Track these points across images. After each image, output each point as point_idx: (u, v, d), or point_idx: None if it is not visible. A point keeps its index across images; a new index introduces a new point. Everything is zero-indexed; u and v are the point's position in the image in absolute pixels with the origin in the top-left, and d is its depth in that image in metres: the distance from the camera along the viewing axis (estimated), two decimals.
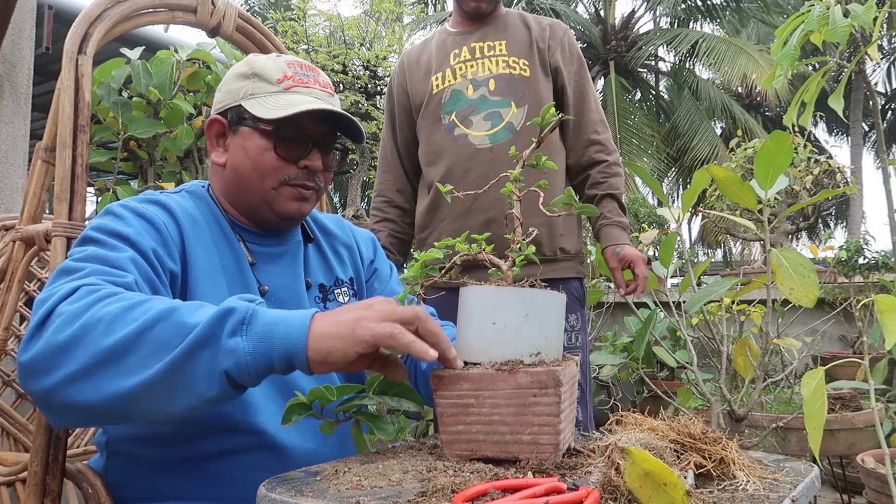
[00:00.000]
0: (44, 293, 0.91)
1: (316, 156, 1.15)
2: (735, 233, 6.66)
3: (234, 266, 1.14)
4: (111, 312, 0.84)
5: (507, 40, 2.02)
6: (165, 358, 0.81)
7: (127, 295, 0.88)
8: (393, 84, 2.17)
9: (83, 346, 0.83)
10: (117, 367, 0.82)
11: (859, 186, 13.84)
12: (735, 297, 2.21)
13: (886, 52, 17.39)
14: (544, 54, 2.02)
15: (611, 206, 2.01)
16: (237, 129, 1.15)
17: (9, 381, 1.71)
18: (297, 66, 1.18)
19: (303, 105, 1.10)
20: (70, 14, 3.88)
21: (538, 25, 2.07)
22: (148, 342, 0.82)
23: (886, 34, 13.20)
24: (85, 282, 0.90)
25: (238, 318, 0.82)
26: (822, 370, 1.29)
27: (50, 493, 1.05)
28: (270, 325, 0.83)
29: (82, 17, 1.18)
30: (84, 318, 0.84)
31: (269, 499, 0.74)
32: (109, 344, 0.82)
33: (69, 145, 1.13)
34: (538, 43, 2.03)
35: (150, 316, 0.83)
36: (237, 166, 1.15)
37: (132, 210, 1.06)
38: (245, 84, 1.15)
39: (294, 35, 6.38)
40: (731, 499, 0.69)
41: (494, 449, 0.84)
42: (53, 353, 0.84)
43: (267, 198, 1.15)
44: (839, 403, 2.66)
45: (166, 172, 2.61)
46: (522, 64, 1.99)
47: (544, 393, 0.81)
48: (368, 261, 1.37)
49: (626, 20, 15.37)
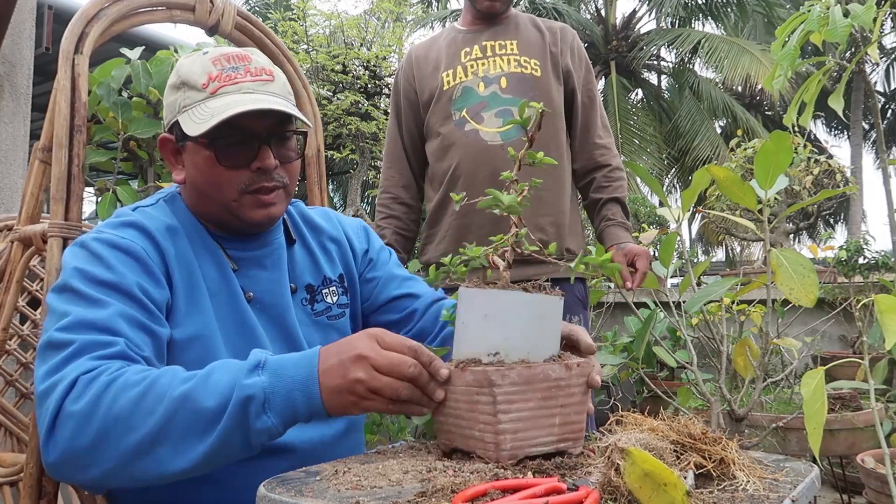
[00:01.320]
0: (41, 379, 0.91)
1: (266, 154, 1.08)
2: (735, 233, 6.65)
3: (216, 274, 1.11)
4: (124, 408, 0.86)
5: (519, 40, 2.04)
6: (197, 447, 0.86)
7: (128, 378, 0.88)
8: (399, 78, 2.16)
9: (109, 446, 0.86)
10: (150, 459, 0.87)
11: (859, 186, 13.83)
12: (735, 297, 2.20)
13: (886, 52, 17.38)
14: (556, 57, 2.04)
15: (614, 208, 2.05)
16: (184, 146, 1.11)
17: (11, 380, 1.71)
18: (224, 59, 1.09)
19: (228, 109, 1.03)
20: (70, 14, 3.86)
21: (549, 29, 2.09)
22: (172, 434, 0.86)
23: (890, 31, 13.21)
24: (81, 369, 0.89)
25: (259, 404, 0.86)
26: (822, 370, 1.29)
27: (46, 495, 1.05)
28: (288, 394, 0.87)
29: (79, 17, 1.17)
30: (99, 418, 0.86)
31: (268, 499, 0.74)
32: (136, 440, 0.86)
33: (65, 145, 1.13)
34: (550, 46, 2.05)
35: (166, 406, 0.86)
36: (194, 182, 1.12)
37: (109, 244, 1.02)
38: (178, 96, 1.09)
39: (294, 35, 6.37)
40: (731, 499, 0.69)
41: (461, 441, 0.88)
42: (79, 457, 0.87)
43: (230, 209, 1.11)
44: (839, 403, 2.66)
45: (166, 172, 2.61)
46: (534, 64, 2.00)
47: (482, 392, 0.83)
48: (362, 251, 1.33)
49: (628, 20, 15.37)
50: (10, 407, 1.65)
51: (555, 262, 0.98)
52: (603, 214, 2.07)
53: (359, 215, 5.52)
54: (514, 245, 0.95)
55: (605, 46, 14.88)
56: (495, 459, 0.82)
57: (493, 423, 0.82)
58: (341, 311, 1.26)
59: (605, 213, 2.05)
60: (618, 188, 2.07)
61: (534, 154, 0.96)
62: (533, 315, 0.89)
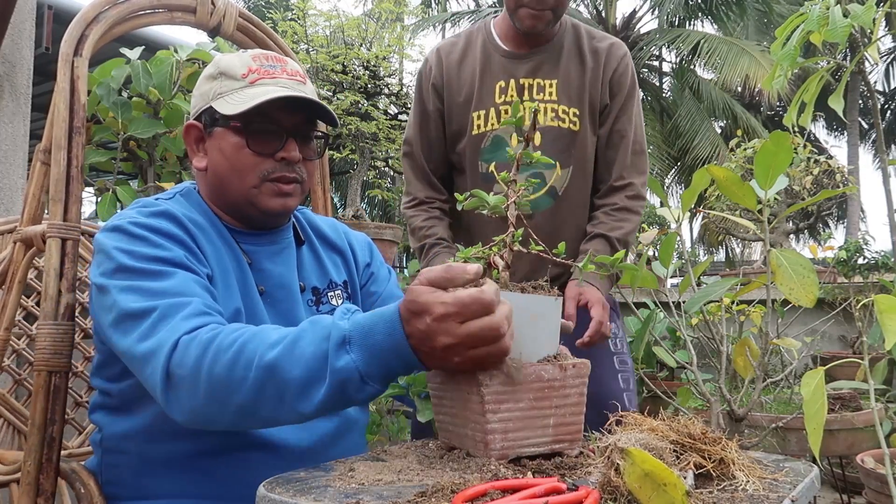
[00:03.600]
0: (135, 342, 0.94)
1: (292, 146, 1.14)
2: (735, 233, 6.65)
3: (235, 265, 1.14)
4: (221, 373, 0.88)
5: (559, 79, 1.80)
6: (300, 407, 0.87)
7: (223, 342, 0.90)
8: (425, 80, 1.89)
9: (222, 405, 0.90)
10: (257, 418, 0.92)
11: (857, 186, 13.84)
12: (735, 297, 2.20)
13: (885, 53, 17.39)
14: (595, 99, 1.82)
15: (600, 245, 1.76)
16: (212, 132, 1.15)
17: (20, 379, 1.71)
18: (263, 58, 1.16)
19: (266, 95, 1.09)
20: (70, 14, 3.87)
21: (593, 54, 1.83)
22: (269, 404, 0.88)
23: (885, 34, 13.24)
24: (179, 331, 0.92)
25: (356, 382, 0.85)
26: (822, 370, 1.29)
27: (43, 493, 1.05)
28: (383, 363, 0.85)
29: (78, 20, 1.18)
30: (203, 381, 0.89)
31: (268, 499, 0.74)
32: (240, 402, 0.88)
33: (64, 147, 1.13)
34: (590, 86, 1.81)
35: (255, 376, 0.87)
36: (216, 168, 1.15)
37: (148, 227, 1.05)
38: (213, 85, 1.14)
39: (294, 35, 6.37)
40: (731, 499, 0.69)
41: (457, 440, 0.89)
42: (201, 413, 0.92)
43: (249, 196, 1.14)
44: (839, 403, 2.66)
45: (166, 172, 2.61)
46: (573, 115, 1.80)
47: (471, 392, 0.84)
48: (364, 264, 1.36)
49: (628, 20, 15.39)
50: (18, 405, 1.65)
51: (563, 263, 0.98)
52: (585, 248, 1.77)
53: (358, 215, 5.52)
54: (510, 245, 0.95)
55: None
56: (486, 458, 0.83)
57: (482, 422, 0.83)
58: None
59: (589, 247, 1.77)
60: (614, 227, 1.78)
61: (530, 154, 0.97)
62: (527, 315, 0.89)
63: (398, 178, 7.12)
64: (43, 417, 1.06)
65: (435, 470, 0.82)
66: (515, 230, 0.95)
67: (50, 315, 1.08)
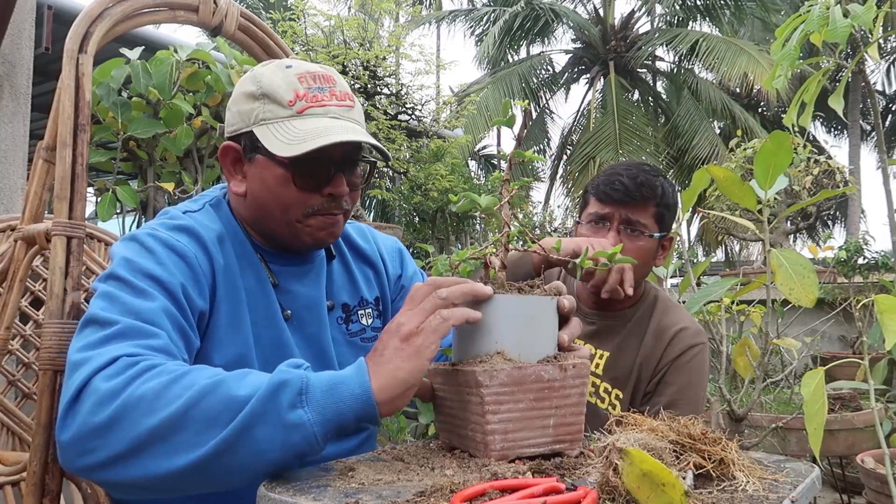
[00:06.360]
0: (76, 351, 0.88)
1: (340, 181, 1.07)
2: (735, 233, 6.66)
3: (256, 287, 1.09)
4: (151, 389, 0.81)
5: (613, 352, 1.59)
6: (218, 435, 0.78)
7: (167, 367, 0.84)
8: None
9: (124, 427, 0.80)
10: (164, 447, 0.80)
11: (858, 186, 13.84)
12: (735, 298, 2.21)
13: (886, 53, 17.39)
14: (642, 380, 1.58)
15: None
16: (253, 158, 1.07)
17: (14, 380, 1.71)
18: (311, 78, 1.07)
19: (319, 138, 1.01)
20: (70, 14, 3.87)
21: (656, 334, 1.58)
22: (195, 419, 0.79)
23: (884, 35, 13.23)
24: (124, 352, 0.86)
25: (294, 390, 0.80)
26: (822, 370, 1.29)
27: (49, 493, 1.05)
28: (330, 389, 0.81)
29: (83, 16, 1.17)
30: (123, 397, 0.81)
31: (268, 498, 0.74)
32: (153, 424, 0.80)
33: (69, 144, 1.13)
34: (642, 366, 1.57)
35: (195, 391, 0.80)
36: (257, 197, 1.09)
37: (162, 242, 1.01)
38: (255, 106, 1.06)
39: (293, 35, 6.37)
40: (731, 499, 0.69)
41: (457, 440, 0.90)
42: (92, 435, 0.82)
43: (292, 229, 1.09)
44: (839, 403, 2.67)
45: (166, 172, 2.61)
46: (614, 397, 1.59)
47: (471, 393, 0.84)
48: (395, 276, 1.31)
49: (626, 20, 15.39)
50: (12, 406, 1.65)
51: (562, 261, 0.98)
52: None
53: (358, 215, 5.52)
54: (506, 245, 0.95)
55: (603, 46, 14.90)
56: (483, 458, 0.83)
57: (482, 423, 0.83)
58: (374, 335, 1.23)
59: None
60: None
61: (521, 153, 0.97)
62: (525, 316, 0.90)
63: (398, 178, 7.12)
64: (48, 417, 1.05)
65: (434, 470, 0.82)
66: (510, 230, 0.95)
67: (56, 313, 1.07)
